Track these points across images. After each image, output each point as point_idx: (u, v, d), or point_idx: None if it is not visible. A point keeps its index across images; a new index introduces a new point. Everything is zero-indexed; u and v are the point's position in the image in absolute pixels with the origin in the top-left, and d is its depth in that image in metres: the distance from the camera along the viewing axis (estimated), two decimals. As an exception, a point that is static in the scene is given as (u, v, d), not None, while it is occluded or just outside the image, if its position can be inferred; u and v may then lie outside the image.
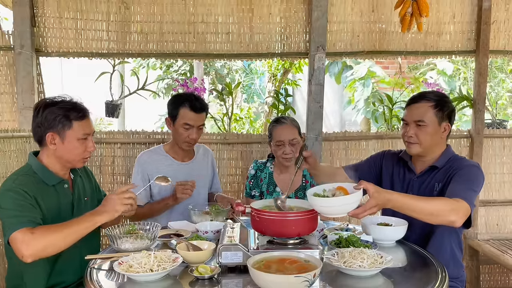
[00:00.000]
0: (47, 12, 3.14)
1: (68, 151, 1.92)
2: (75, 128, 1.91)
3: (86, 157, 1.98)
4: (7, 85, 3.15)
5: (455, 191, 1.87)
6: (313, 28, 3.21)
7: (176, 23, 3.23)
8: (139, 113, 7.16)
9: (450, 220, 1.76)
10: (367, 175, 2.27)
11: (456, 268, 2.10)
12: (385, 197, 1.69)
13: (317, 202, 1.66)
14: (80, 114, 1.93)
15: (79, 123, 1.92)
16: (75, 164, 2.00)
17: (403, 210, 1.76)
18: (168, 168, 2.56)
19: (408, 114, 2.12)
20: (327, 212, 1.67)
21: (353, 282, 1.56)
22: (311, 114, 3.27)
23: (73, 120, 1.90)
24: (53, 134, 1.89)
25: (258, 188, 2.69)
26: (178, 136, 2.53)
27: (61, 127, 1.89)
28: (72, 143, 1.91)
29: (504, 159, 3.54)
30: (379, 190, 1.69)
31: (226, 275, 1.61)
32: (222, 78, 7.39)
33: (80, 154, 1.95)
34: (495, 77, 5.34)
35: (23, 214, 1.75)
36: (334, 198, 1.66)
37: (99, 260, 1.76)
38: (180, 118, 2.48)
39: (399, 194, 1.78)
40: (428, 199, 1.84)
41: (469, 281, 3.47)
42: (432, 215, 1.76)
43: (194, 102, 2.48)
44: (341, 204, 1.64)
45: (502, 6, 3.41)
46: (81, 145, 1.93)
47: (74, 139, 1.91)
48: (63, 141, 1.90)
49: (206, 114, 2.59)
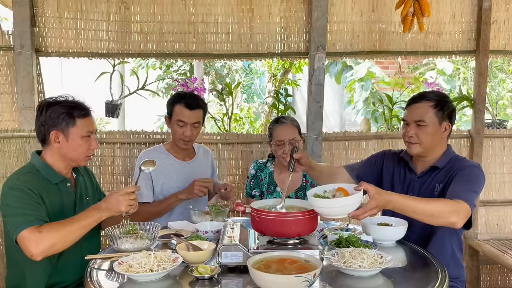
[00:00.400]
0: (47, 12, 3.14)
1: (72, 149, 1.94)
2: (79, 125, 1.93)
3: (89, 155, 2.01)
4: (7, 85, 3.15)
5: (456, 192, 1.87)
6: (313, 28, 3.21)
7: (176, 23, 3.23)
8: (139, 113, 7.16)
9: (451, 221, 1.76)
10: (368, 175, 2.27)
11: (456, 268, 2.10)
12: (386, 198, 1.69)
13: (317, 203, 1.66)
14: (83, 112, 1.95)
15: (82, 121, 1.94)
16: (79, 162, 2.01)
17: (403, 211, 1.76)
18: (169, 167, 2.57)
19: (409, 114, 2.12)
20: (327, 213, 1.67)
21: (353, 282, 1.56)
22: (311, 114, 3.26)
23: (77, 117, 1.93)
24: (57, 132, 1.91)
25: (259, 188, 2.70)
26: (174, 134, 2.56)
27: (65, 125, 1.91)
28: (76, 141, 1.93)
29: (504, 159, 3.54)
30: (380, 191, 1.68)
31: (226, 275, 1.61)
32: (222, 78, 7.38)
33: (84, 152, 1.97)
34: (495, 77, 5.34)
35: (29, 213, 1.77)
36: (335, 200, 1.66)
37: (99, 260, 1.76)
38: (175, 115, 2.51)
39: (400, 196, 1.77)
40: (429, 200, 1.83)
41: (469, 281, 3.47)
42: (433, 216, 1.75)
43: (188, 98, 2.50)
44: (341, 205, 1.64)
45: (502, 6, 3.41)
46: (84, 143, 1.96)
47: (78, 136, 1.93)
48: (67, 139, 1.92)
49: (204, 113, 2.59)
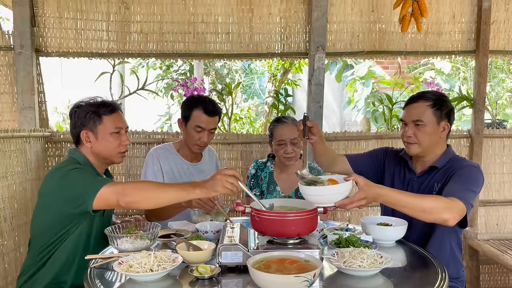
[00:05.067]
0: (47, 12, 3.14)
1: (104, 146, 1.97)
2: (106, 122, 1.96)
3: (122, 151, 2.02)
4: (7, 85, 3.15)
5: (452, 191, 1.87)
6: (313, 28, 3.21)
7: (176, 23, 3.24)
8: (139, 113, 7.15)
9: (443, 218, 1.76)
10: (369, 169, 2.29)
11: (456, 268, 2.10)
12: (376, 191, 1.70)
13: (306, 191, 1.71)
14: (109, 108, 1.98)
15: (109, 117, 1.96)
16: (113, 159, 2.03)
17: (394, 205, 1.77)
18: (178, 167, 2.58)
19: (407, 114, 2.12)
20: (315, 200, 1.72)
21: (353, 282, 1.56)
22: (311, 114, 3.26)
23: (103, 115, 1.95)
24: (87, 132, 1.95)
25: (259, 187, 2.70)
26: (189, 139, 2.53)
27: (92, 123, 1.94)
28: (105, 138, 1.96)
29: (504, 159, 3.55)
30: (369, 183, 1.70)
31: (226, 275, 1.61)
32: (222, 78, 7.38)
33: (115, 149, 1.99)
34: (495, 77, 5.35)
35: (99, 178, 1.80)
36: (323, 187, 1.71)
37: (99, 260, 1.76)
38: (192, 120, 2.48)
39: (391, 190, 1.78)
40: (422, 196, 1.84)
41: (469, 281, 3.47)
42: (425, 212, 1.76)
43: (207, 104, 2.47)
44: (329, 193, 1.68)
45: (502, 6, 3.42)
46: (115, 139, 1.98)
47: (106, 134, 1.96)
48: (97, 137, 1.95)
49: (219, 118, 2.59)
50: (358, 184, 1.68)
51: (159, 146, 2.67)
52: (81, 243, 1.93)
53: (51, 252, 1.91)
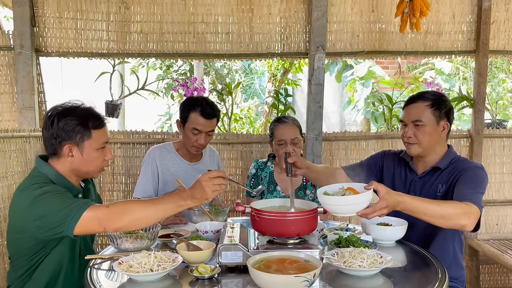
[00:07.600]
0: (47, 12, 3.14)
1: (87, 162, 1.82)
2: (94, 137, 1.81)
3: (103, 166, 1.90)
4: (7, 85, 3.16)
5: (464, 194, 1.85)
6: (313, 28, 3.21)
7: (176, 23, 3.24)
8: (139, 113, 7.15)
9: (462, 224, 1.75)
10: (368, 176, 2.27)
11: (457, 269, 2.09)
12: (396, 199, 1.67)
13: (327, 201, 1.67)
14: (98, 122, 1.83)
15: (98, 132, 1.82)
16: (92, 175, 1.90)
17: (414, 213, 1.74)
18: (177, 167, 2.58)
19: (406, 115, 2.12)
20: (336, 210, 1.67)
21: (353, 282, 1.56)
22: (311, 114, 3.27)
23: (92, 129, 1.80)
24: (71, 146, 1.78)
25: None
26: (186, 140, 2.53)
27: (80, 138, 1.78)
28: (91, 154, 1.81)
29: (504, 159, 3.55)
30: (390, 191, 1.67)
31: (226, 275, 1.61)
32: (222, 78, 7.38)
33: (99, 165, 1.86)
34: (495, 77, 5.35)
35: (77, 202, 1.63)
36: (344, 197, 1.67)
37: (99, 260, 1.76)
38: (190, 122, 2.48)
39: (410, 197, 1.75)
40: (439, 202, 1.81)
41: (469, 281, 3.47)
42: (444, 218, 1.73)
43: (205, 107, 2.46)
44: (351, 203, 1.64)
45: (502, 6, 3.42)
46: (100, 155, 1.84)
47: (93, 149, 1.81)
48: (82, 152, 1.80)
49: (218, 120, 2.58)
50: (379, 193, 1.65)
51: (157, 145, 2.67)
52: (66, 252, 1.83)
53: (35, 266, 1.79)
